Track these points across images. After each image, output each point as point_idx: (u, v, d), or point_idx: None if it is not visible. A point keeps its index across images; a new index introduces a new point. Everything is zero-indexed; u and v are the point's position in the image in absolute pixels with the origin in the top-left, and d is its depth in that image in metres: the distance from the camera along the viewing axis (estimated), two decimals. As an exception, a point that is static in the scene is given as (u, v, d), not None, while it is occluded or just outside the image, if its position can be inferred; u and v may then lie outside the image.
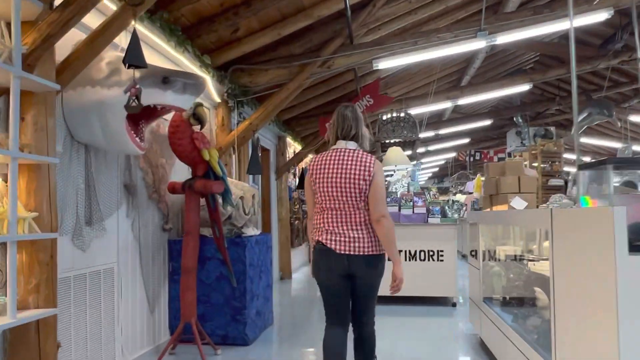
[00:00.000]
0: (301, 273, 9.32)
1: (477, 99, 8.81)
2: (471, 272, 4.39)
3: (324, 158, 2.63)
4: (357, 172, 2.53)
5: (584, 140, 13.49)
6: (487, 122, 12.01)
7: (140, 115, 3.14)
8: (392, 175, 7.23)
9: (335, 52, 5.36)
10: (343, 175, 2.54)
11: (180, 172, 4.45)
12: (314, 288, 7.74)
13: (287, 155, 8.77)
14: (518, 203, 3.99)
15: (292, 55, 5.49)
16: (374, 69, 5.65)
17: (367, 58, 5.35)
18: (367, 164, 2.55)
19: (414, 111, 8.30)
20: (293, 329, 4.96)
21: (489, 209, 4.55)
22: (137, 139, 3.09)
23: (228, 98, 5.45)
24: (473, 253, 4.45)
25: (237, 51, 4.96)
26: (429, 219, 6.09)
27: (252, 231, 4.47)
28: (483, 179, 14.28)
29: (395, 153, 6.60)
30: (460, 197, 14.67)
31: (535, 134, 13.60)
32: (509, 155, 18.24)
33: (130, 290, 3.72)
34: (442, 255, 6.00)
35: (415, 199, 6.23)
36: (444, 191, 18.26)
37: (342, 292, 2.59)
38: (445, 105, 8.60)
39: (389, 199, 6.29)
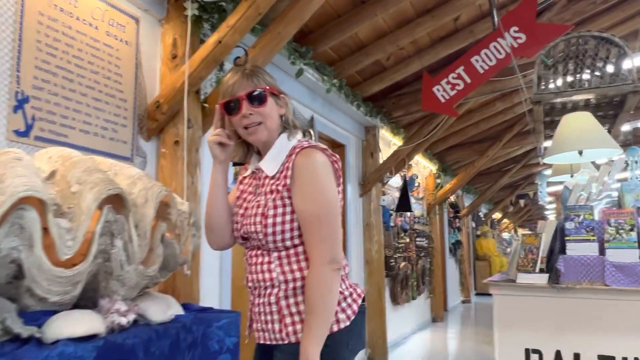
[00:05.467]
0: (410, 347, 5.76)
1: None
2: None
3: None
4: None
5: None
6: None
7: None
8: (578, 174, 3.44)
9: None
10: None
11: None
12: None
13: (380, 157, 5.45)
14: None
15: None
16: None
17: None
18: None
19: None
20: None
21: None
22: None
23: (177, -6, 2.43)
24: None
25: None
26: (692, 277, 2.30)
27: (95, 325, 1.28)
28: None
29: (579, 124, 2.93)
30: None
31: None
32: None
33: None
34: None
35: (647, 224, 2.48)
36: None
37: None
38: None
39: (571, 226, 2.63)
